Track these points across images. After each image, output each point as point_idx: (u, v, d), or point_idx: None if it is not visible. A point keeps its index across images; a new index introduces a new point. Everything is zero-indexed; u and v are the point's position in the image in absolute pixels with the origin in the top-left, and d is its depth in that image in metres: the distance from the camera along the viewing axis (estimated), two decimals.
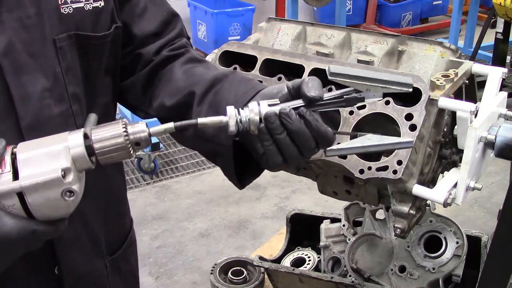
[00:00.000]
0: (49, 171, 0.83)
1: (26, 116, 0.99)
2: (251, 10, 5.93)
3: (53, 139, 0.87)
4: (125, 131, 0.87)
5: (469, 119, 1.15)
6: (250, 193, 4.06)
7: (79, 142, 0.86)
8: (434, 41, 1.31)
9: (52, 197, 0.84)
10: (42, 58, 1.01)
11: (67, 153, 0.85)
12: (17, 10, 0.96)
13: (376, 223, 1.77)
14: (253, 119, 0.91)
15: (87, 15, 1.07)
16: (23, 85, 0.98)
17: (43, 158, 0.84)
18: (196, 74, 1.17)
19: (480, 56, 5.49)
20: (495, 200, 3.79)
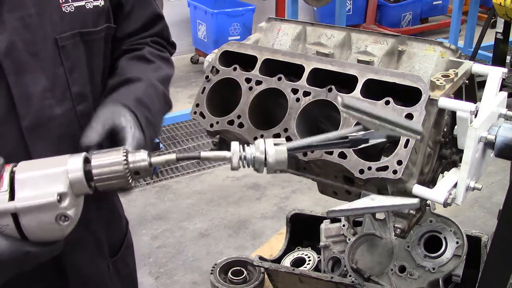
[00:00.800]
0: (45, 195, 0.82)
1: (26, 117, 0.98)
2: (251, 10, 5.93)
3: (53, 161, 0.87)
4: (125, 159, 0.86)
5: (469, 119, 1.15)
6: (250, 193, 4.06)
7: (78, 166, 0.85)
8: (434, 41, 1.31)
9: (46, 220, 0.83)
10: (43, 58, 1.00)
11: (65, 177, 0.84)
12: (18, 9, 0.96)
13: (376, 223, 1.77)
14: (258, 157, 0.89)
15: (88, 14, 1.07)
16: (24, 85, 0.97)
17: (41, 180, 0.83)
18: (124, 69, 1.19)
19: (480, 56, 5.49)
20: (495, 200, 3.79)
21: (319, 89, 1.23)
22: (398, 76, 1.17)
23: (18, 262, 0.85)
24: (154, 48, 1.29)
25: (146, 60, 1.24)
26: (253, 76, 1.30)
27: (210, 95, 1.35)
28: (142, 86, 1.15)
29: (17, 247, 0.84)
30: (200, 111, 1.34)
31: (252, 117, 1.28)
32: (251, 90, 1.29)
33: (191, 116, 1.36)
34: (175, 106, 4.91)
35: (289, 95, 1.25)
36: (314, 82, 1.25)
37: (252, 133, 1.27)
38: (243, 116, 1.29)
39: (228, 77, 1.34)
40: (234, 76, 1.33)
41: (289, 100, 1.25)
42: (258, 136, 1.25)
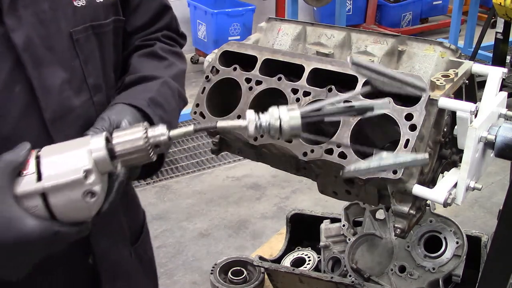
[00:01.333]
0: (71, 172, 0.85)
1: (48, 108, 1.01)
2: (251, 10, 5.93)
3: (76, 143, 0.90)
4: (146, 134, 0.89)
5: (469, 119, 1.15)
6: (250, 193, 4.06)
7: (101, 145, 0.88)
8: (434, 41, 1.31)
9: (74, 198, 0.86)
10: (60, 51, 1.03)
11: (89, 156, 0.87)
12: (32, 5, 0.99)
13: (376, 223, 1.77)
14: (273, 124, 0.92)
15: (99, 7, 1.10)
16: (43, 78, 1.00)
17: (66, 161, 0.87)
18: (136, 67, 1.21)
19: (480, 56, 5.49)
20: (495, 200, 3.79)
21: (319, 89, 1.23)
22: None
23: (47, 242, 0.87)
24: (166, 43, 1.30)
25: (158, 57, 1.25)
26: (253, 76, 1.30)
27: (210, 95, 1.35)
28: (156, 85, 1.17)
29: (47, 227, 0.86)
30: (200, 111, 1.34)
31: None
32: (251, 90, 1.29)
33: (191, 116, 1.36)
34: None
35: (289, 95, 1.25)
36: (314, 82, 1.25)
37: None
38: (243, 116, 1.28)
39: (228, 77, 1.34)
40: (234, 76, 1.33)
41: (289, 100, 1.25)
42: (258, 136, 1.26)
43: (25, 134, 0.96)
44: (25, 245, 0.85)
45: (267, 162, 1.42)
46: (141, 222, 1.42)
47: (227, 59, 1.37)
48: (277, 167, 1.41)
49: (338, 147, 1.16)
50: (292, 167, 1.38)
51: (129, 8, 1.23)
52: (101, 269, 1.18)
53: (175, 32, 1.36)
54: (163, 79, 1.20)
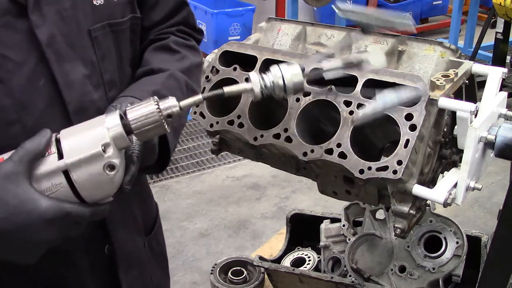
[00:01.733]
0: (90, 148, 0.89)
1: (72, 101, 1.04)
2: (251, 10, 5.93)
3: (91, 123, 0.94)
4: (158, 107, 0.92)
5: (469, 119, 1.15)
6: (250, 193, 4.05)
7: (116, 122, 0.92)
8: (434, 41, 1.31)
9: (95, 171, 0.89)
10: (80, 48, 1.07)
11: (106, 132, 0.91)
12: (55, 3, 1.02)
13: (376, 223, 1.77)
14: (277, 83, 0.96)
15: (116, 6, 1.14)
16: (66, 73, 1.03)
17: (84, 139, 0.91)
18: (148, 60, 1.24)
19: (480, 56, 5.49)
20: (495, 200, 3.78)
21: (319, 89, 1.23)
22: (398, 76, 1.17)
23: (60, 223, 0.89)
24: (179, 37, 1.32)
25: (170, 50, 1.27)
26: None
27: None
28: (162, 78, 1.19)
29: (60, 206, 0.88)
30: (200, 111, 1.34)
31: (252, 117, 1.29)
32: None
33: (191, 116, 1.36)
34: None
35: None
36: (314, 82, 1.25)
37: (252, 133, 1.27)
38: (243, 116, 1.29)
39: (228, 77, 1.34)
40: (234, 76, 1.33)
41: (289, 100, 1.25)
42: (258, 136, 1.26)
43: (48, 126, 0.98)
44: (38, 226, 0.87)
45: (267, 162, 1.42)
46: (154, 215, 1.45)
47: (227, 59, 1.37)
48: (277, 167, 1.41)
49: (338, 147, 1.16)
50: (292, 167, 1.38)
51: (146, 5, 1.25)
52: (118, 258, 1.21)
53: (191, 27, 1.37)
54: (170, 72, 1.21)
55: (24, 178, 0.88)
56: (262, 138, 1.25)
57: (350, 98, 1.19)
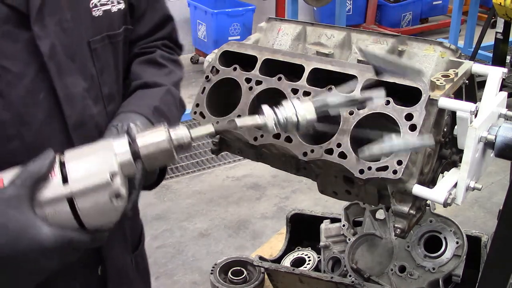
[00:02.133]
0: (97, 175, 0.85)
1: (72, 116, 1.02)
2: (251, 10, 5.93)
3: (98, 147, 0.90)
4: (169, 136, 0.89)
5: (469, 119, 1.15)
6: (250, 193, 4.05)
7: (125, 148, 0.88)
8: (434, 41, 1.31)
9: (101, 201, 0.85)
10: (80, 60, 1.05)
11: (114, 158, 0.87)
12: (57, 13, 1.00)
13: (376, 223, 1.77)
14: (291, 119, 0.93)
15: (114, 17, 1.12)
16: (66, 86, 1.01)
17: (91, 164, 0.86)
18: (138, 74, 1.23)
19: (480, 56, 5.49)
20: (495, 200, 3.79)
21: (319, 89, 1.23)
22: (398, 76, 1.17)
23: (61, 250, 0.86)
24: (165, 51, 1.32)
25: (158, 64, 1.27)
26: (253, 76, 1.30)
27: (210, 95, 1.35)
28: (160, 93, 1.19)
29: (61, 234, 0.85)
30: (200, 111, 1.34)
31: None
32: (251, 90, 1.29)
33: (191, 116, 1.36)
34: None
35: (289, 95, 1.25)
36: (314, 82, 1.25)
37: (252, 133, 1.27)
38: (243, 116, 1.29)
39: (228, 77, 1.34)
40: (234, 76, 1.33)
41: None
42: (258, 136, 1.26)
43: (48, 141, 0.96)
44: (38, 254, 0.84)
45: (267, 162, 1.42)
46: (140, 231, 1.43)
47: (227, 59, 1.37)
48: (277, 167, 1.41)
49: (338, 147, 1.16)
50: (292, 167, 1.38)
51: (134, 17, 1.24)
52: (109, 276, 1.19)
53: (174, 42, 1.38)
54: (167, 87, 1.21)
55: (26, 203, 0.84)
56: (262, 138, 1.25)
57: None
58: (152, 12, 1.28)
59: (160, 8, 1.32)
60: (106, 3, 1.10)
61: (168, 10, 1.36)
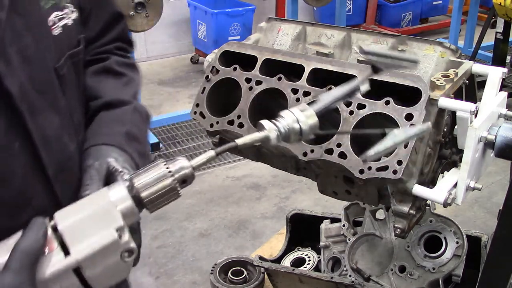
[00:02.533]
0: (103, 235, 0.75)
1: (51, 163, 0.91)
2: (251, 10, 5.93)
3: (92, 200, 0.79)
4: (169, 170, 0.80)
5: (469, 119, 1.15)
6: (250, 193, 4.05)
7: (123, 194, 0.78)
8: (434, 41, 1.31)
9: (112, 262, 0.76)
10: (49, 92, 0.93)
11: (113, 210, 0.77)
12: (16, 42, 0.86)
13: (376, 223, 1.77)
14: (293, 128, 0.87)
15: (72, 31, 0.99)
16: (41, 127, 0.89)
17: (90, 223, 0.75)
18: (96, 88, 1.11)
19: (480, 56, 5.49)
20: (495, 200, 3.78)
21: (319, 89, 1.23)
22: (398, 76, 1.17)
23: None
24: (119, 55, 1.20)
25: (114, 73, 1.15)
26: (253, 76, 1.30)
27: (210, 95, 1.35)
28: (127, 114, 1.08)
29: None
30: (200, 111, 1.34)
31: (252, 117, 1.29)
32: (251, 90, 1.29)
33: (191, 116, 1.36)
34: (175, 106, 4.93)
35: (289, 95, 1.25)
36: (314, 82, 1.25)
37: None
38: (243, 116, 1.29)
39: (228, 77, 1.34)
40: (234, 76, 1.33)
41: (289, 100, 1.25)
42: None
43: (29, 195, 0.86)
44: None
45: (267, 162, 1.42)
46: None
47: (227, 59, 1.37)
48: (277, 167, 1.41)
49: (338, 147, 1.16)
50: (292, 167, 1.38)
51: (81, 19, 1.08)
52: None
53: (127, 42, 1.24)
54: (133, 106, 1.10)
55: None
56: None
57: (351, 98, 1.19)
58: (100, 11, 1.14)
59: (107, 6, 1.17)
60: (62, 16, 0.95)
61: (116, 7, 1.20)
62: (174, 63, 6.32)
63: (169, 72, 6.10)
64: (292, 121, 0.87)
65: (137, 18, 3.61)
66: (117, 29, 1.19)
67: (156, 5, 3.67)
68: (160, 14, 3.75)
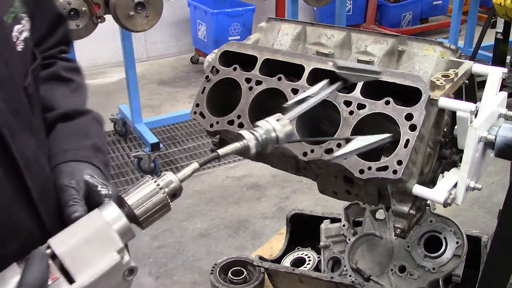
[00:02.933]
0: (105, 259, 0.76)
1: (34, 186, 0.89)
2: (251, 10, 5.93)
3: (87, 222, 0.80)
4: (160, 186, 0.81)
5: (469, 119, 1.15)
6: (250, 193, 4.05)
7: (117, 214, 0.79)
8: (434, 41, 1.31)
9: (115, 284, 0.78)
10: (23, 114, 0.90)
11: (112, 231, 0.77)
12: None
13: (376, 223, 1.77)
14: (270, 137, 0.91)
15: (29, 43, 0.95)
16: (22, 150, 0.87)
17: (90, 247, 0.76)
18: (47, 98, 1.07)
19: (480, 56, 5.48)
20: (495, 200, 3.78)
21: None
22: (398, 76, 1.17)
23: None
24: (63, 59, 1.17)
25: (62, 80, 1.12)
26: (253, 76, 1.30)
27: (210, 95, 1.35)
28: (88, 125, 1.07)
29: None
30: (200, 111, 1.34)
31: (252, 117, 1.28)
32: (251, 90, 1.29)
33: (191, 116, 1.36)
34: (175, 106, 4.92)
35: (289, 95, 1.25)
36: (314, 82, 1.25)
37: None
38: (243, 116, 1.28)
39: (228, 77, 1.34)
40: (234, 76, 1.33)
41: (289, 100, 1.25)
42: None
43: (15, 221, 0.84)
44: None
45: (267, 162, 1.42)
46: None
47: (227, 59, 1.37)
48: (277, 167, 1.41)
49: (338, 147, 1.16)
50: (292, 167, 1.38)
51: None
52: None
53: (67, 44, 1.21)
54: (91, 115, 1.08)
55: None
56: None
57: (350, 98, 1.19)
58: (43, 14, 1.09)
59: (50, 8, 1.13)
60: (22, 30, 0.91)
61: (58, 8, 1.16)
62: (174, 63, 6.32)
63: (169, 72, 6.10)
64: (268, 131, 0.91)
65: (137, 18, 3.61)
66: (60, 32, 1.16)
67: (156, 5, 3.67)
68: (160, 14, 3.75)
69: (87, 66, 5.59)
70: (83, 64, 1.27)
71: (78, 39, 3.50)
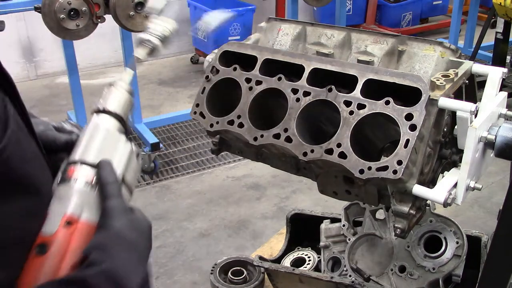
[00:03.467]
0: (123, 150, 0.94)
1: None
2: (251, 10, 5.93)
3: (90, 131, 0.93)
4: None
5: (469, 119, 1.15)
6: (250, 193, 4.05)
7: (106, 118, 0.97)
8: (434, 41, 1.31)
9: (134, 165, 0.96)
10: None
11: (113, 129, 0.95)
12: None
13: (376, 223, 1.77)
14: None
15: None
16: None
17: (107, 148, 0.92)
18: None
19: (480, 56, 5.48)
20: (495, 200, 3.78)
21: (319, 89, 1.23)
22: (398, 76, 1.17)
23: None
24: None
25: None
26: (253, 76, 1.30)
27: (210, 95, 1.35)
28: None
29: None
30: (200, 111, 1.34)
31: (252, 117, 1.29)
32: (251, 90, 1.29)
33: (191, 116, 1.36)
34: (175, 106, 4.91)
35: (289, 95, 1.25)
36: (314, 82, 1.25)
37: (252, 133, 1.27)
38: (243, 116, 1.29)
39: (228, 77, 1.34)
40: (234, 76, 1.33)
41: (289, 100, 1.25)
42: (258, 136, 1.25)
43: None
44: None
45: (267, 162, 1.42)
46: None
47: (227, 59, 1.37)
48: (277, 167, 1.41)
49: (338, 147, 1.16)
50: (292, 167, 1.38)
51: None
52: None
53: None
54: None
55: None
56: (262, 138, 1.25)
57: (350, 98, 1.19)
58: None
59: None
60: None
61: None
62: (174, 63, 6.32)
63: (169, 72, 6.10)
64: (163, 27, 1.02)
65: (137, 18, 3.61)
66: None
67: None
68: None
69: (87, 66, 5.59)
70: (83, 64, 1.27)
71: (78, 39, 3.50)
